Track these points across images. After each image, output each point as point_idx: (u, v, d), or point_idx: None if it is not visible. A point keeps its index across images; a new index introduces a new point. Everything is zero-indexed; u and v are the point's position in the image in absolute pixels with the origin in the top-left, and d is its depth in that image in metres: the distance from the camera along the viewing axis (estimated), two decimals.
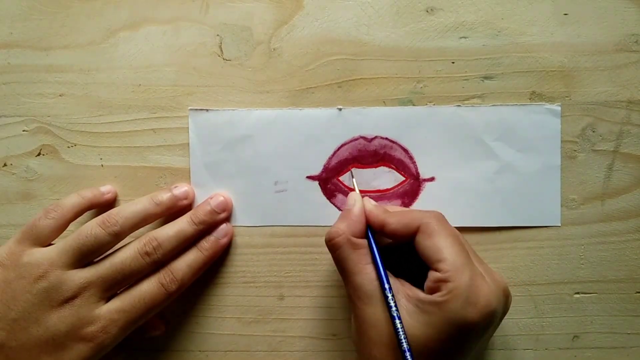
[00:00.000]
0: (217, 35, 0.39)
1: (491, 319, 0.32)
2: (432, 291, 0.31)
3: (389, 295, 0.32)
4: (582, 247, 0.39)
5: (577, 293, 0.39)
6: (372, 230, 0.35)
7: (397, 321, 0.31)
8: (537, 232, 0.39)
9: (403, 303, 0.32)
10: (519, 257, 0.39)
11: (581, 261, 0.39)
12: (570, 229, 0.39)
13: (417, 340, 0.31)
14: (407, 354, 0.30)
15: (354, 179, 0.39)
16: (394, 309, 0.31)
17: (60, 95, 0.40)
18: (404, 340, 0.30)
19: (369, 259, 0.34)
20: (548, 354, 0.39)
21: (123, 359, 0.40)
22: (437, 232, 0.32)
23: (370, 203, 0.36)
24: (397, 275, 0.34)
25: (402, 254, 0.35)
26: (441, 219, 0.34)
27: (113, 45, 0.40)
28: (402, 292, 0.32)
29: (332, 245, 0.34)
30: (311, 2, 0.39)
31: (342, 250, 0.34)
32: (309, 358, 0.40)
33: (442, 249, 0.32)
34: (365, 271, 0.33)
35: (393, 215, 0.34)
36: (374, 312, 0.32)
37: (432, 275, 0.32)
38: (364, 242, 0.34)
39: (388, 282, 0.32)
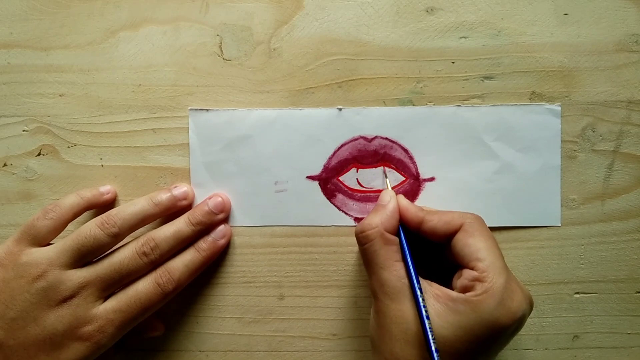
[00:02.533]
0: (217, 35, 0.39)
1: (520, 324, 0.32)
2: (465, 290, 0.32)
3: (419, 294, 0.31)
4: (582, 247, 0.39)
5: (577, 293, 0.39)
6: (405, 228, 0.35)
7: (427, 321, 0.31)
8: (537, 232, 0.39)
9: (431, 303, 0.32)
10: (519, 257, 0.39)
11: (581, 261, 0.39)
12: (570, 229, 0.39)
13: (445, 341, 0.30)
14: (435, 354, 0.30)
15: (387, 179, 0.39)
16: (423, 308, 0.31)
17: (60, 95, 0.40)
18: (432, 342, 0.30)
19: (398, 256, 0.33)
20: (548, 354, 0.39)
21: (122, 359, 0.40)
22: (479, 232, 0.33)
23: (405, 200, 0.36)
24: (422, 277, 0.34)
25: (424, 257, 0.36)
26: (482, 221, 0.34)
27: (113, 45, 0.40)
28: (430, 292, 0.32)
29: (364, 237, 0.34)
30: (311, 2, 0.39)
31: (373, 244, 0.34)
32: (309, 358, 0.40)
33: (482, 249, 0.32)
34: (395, 267, 0.33)
35: (432, 213, 0.35)
36: (400, 308, 0.32)
37: (468, 273, 0.32)
38: (396, 239, 0.34)
39: (418, 281, 0.32)
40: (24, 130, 0.40)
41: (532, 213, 0.39)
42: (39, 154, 0.40)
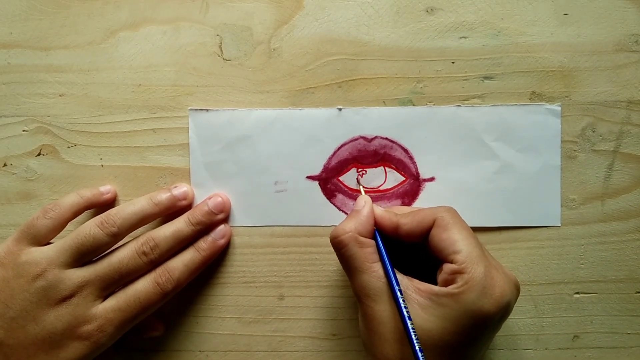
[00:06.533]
0: (217, 35, 0.39)
1: (506, 310, 0.32)
2: (446, 283, 0.32)
3: (398, 293, 0.31)
4: (582, 247, 0.39)
5: (577, 293, 0.39)
6: (381, 233, 0.35)
7: (409, 321, 0.31)
8: (537, 232, 0.39)
9: (414, 297, 0.32)
10: (519, 257, 0.39)
11: (581, 261, 0.39)
12: (570, 229, 0.39)
13: (432, 334, 0.31)
14: (420, 354, 0.30)
15: (361, 186, 0.39)
16: (403, 307, 0.31)
17: (60, 95, 0.40)
18: (415, 341, 0.30)
19: (376, 257, 0.34)
20: (548, 354, 0.39)
21: (122, 359, 0.40)
22: (452, 224, 0.33)
23: (379, 208, 0.36)
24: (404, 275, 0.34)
25: (407, 256, 0.36)
26: (454, 213, 0.34)
27: (113, 45, 0.40)
28: (412, 287, 0.32)
29: (338, 243, 0.34)
30: (311, 2, 0.39)
31: (348, 249, 0.34)
32: (309, 358, 0.40)
33: (458, 241, 0.32)
34: (373, 269, 0.33)
35: (405, 216, 0.35)
36: (384, 309, 0.32)
37: (447, 267, 0.32)
38: (371, 241, 0.34)
39: (397, 280, 0.32)
40: (24, 130, 0.40)
41: (532, 213, 0.39)
42: (39, 154, 0.40)
